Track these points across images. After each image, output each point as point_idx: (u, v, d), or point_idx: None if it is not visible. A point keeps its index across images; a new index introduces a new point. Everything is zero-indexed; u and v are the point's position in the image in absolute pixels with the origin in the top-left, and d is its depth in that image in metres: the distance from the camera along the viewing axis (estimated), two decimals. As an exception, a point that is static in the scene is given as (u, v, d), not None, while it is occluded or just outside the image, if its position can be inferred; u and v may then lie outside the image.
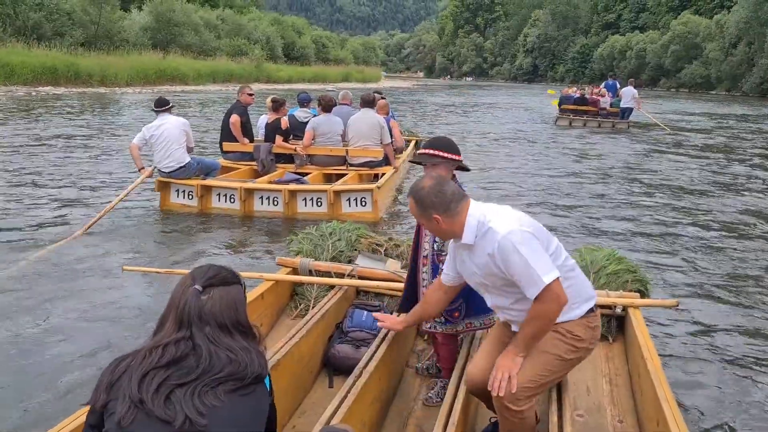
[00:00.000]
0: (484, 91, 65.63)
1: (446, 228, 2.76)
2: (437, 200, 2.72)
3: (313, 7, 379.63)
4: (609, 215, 9.32)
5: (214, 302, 1.85)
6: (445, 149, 3.44)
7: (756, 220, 9.32)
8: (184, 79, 44.21)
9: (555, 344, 2.75)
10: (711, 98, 60.59)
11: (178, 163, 8.44)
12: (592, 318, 2.85)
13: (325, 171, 9.68)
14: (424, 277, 3.50)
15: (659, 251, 7.52)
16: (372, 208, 8.42)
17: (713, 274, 6.68)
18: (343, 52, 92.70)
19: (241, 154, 9.97)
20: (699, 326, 5.29)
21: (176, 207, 8.76)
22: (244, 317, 1.91)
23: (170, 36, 51.93)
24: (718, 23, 73.68)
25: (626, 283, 4.40)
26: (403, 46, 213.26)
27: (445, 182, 2.79)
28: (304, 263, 4.70)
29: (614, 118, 23.86)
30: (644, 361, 3.41)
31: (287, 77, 59.40)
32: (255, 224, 8.28)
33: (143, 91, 36.55)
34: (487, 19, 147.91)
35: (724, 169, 14.60)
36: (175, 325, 1.82)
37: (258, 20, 70.36)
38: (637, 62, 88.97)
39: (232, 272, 1.98)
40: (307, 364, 3.71)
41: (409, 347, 4.20)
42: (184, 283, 1.91)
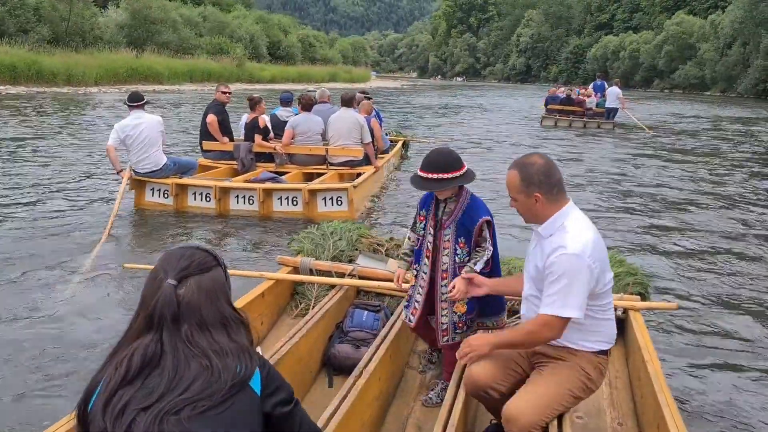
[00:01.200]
0: (474, 91, 65.60)
1: (539, 209, 2.78)
2: (545, 179, 2.74)
3: (306, 7, 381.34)
4: (607, 217, 9.34)
5: (192, 296, 1.63)
6: (452, 168, 3.31)
7: (754, 223, 9.37)
8: (158, 78, 42.82)
9: (569, 378, 2.81)
10: (705, 99, 60.52)
11: (155, 165, 8.44)
12: (603, 361, 2.90)
13: (305, 170, 9.73)
14: (443, 291, 3.46)
15: (659, 254, 7.55)
16: (348, 208, 8.43)
17: (713, 277, 6.71)
18: (331, 52, 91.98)
19: (220, 153, 10.04)
20: (700, 329, 5.31)
21: (151, 205, 8.75)
22: (226, 307, 1.69)
23: (147, 34, 50.73)
24: (713, 23, 73.77)
25: (627, 285, 4.41)
26: (396, 47, 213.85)
27: (555, 166, 2.80)
28: (305, 262, 4.72)
29: (600, 118, 24.04)
30: (644, 365, 3.43)
31: (270, 77, 58.49)
32: (230, 223, 8.26)
33: (110, 91, 35.45)
34: (480, 19, 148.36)
35: (718, 171, 14.66)
36: (143, 327, 1.61)
37: (243, 18, 69.55)
38: (631, 63, 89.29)
39: (208, 252, 1.74)
40: (307, 363, 3.72)
41: (410, 348, 4.21)
42: (155, 277, 1.66)
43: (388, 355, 3.56)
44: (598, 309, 2.81)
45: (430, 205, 3.50)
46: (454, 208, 3.41)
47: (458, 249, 3.39)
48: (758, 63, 63.55)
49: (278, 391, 1.71)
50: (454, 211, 3.41)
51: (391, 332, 3.71)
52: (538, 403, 2.71)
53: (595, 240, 2.71)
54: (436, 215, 3.47)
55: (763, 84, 64.23)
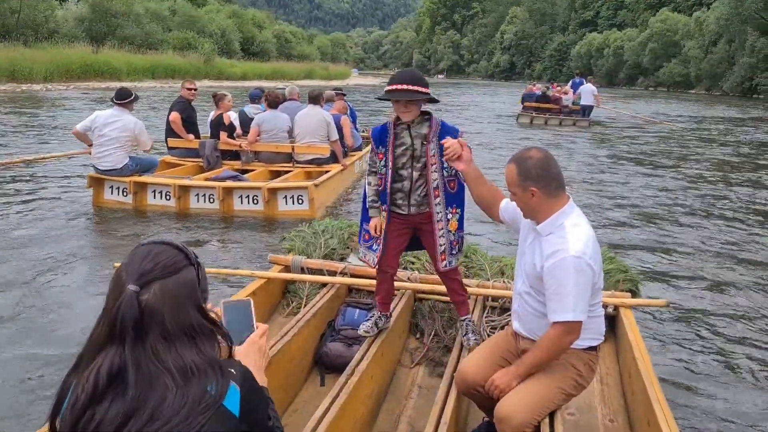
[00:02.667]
0: (454, 89, 65.62)
1: (535, 204, 2.76)
2: (542, 173, 2.72)
3: (291, 4, 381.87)
4: (593, 215, 9.42)
5: (155, 303, 1.46)
6: (419, 83, 3.37)
7: (743, 220, 9.51)
8: (116, 74, 41.13)
9: (560, 376, 2.85)
10: (690, 98, 60.89)
11: (114, 165, 8.41)
12: (593, 357, 2.93)
13: (271, 168, 9.74)
14: (437, 210, 3.53)
15: (649, 251, 7.67)
16: (309, 206, 8.47)
17: (703, 274, 6.83)
18: (308, 48, 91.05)
19: (186, 151, 10.05)
20: (689, 326, 5.42)
21: (110, 204, 8.71)
22: (195, 314, 1.52)
23: (107, 28, 49.26)
24: (698, 20, 73.91)
25: (618, 282, 4.48)
26: (380, 44, 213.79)
27: (553, 160, 2.79)
28: (297, 261, 4.74)
29: (576, 116, 24.27)
30: (635, 361, 3.48)
31: (241, 73, 57.30)
32: (190, 221, 8.23)
33: (57, 88, 33.65)
34: (464, 15, 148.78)
35: (704, 170, 14.84)
36: (106, 336, 1.45)
37: (216, 13, 68.43)
38: (615, 60, 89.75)
39: (179, 249, 1.57)
40: (299, 362, 3.75)
41: (401, 346, 4.25)
42: (117, 279, 1.50)
43: (380, 353, 3.59)
44: (591, 306, 2.82)
45: (387, 139, 3.51)
46: (431, 127, 3.46)
47: (444, 163, 3.41)
48: (744, 61, 63.55)
49: (259, 409, 1.60)
50: (432, 128, 3.45)
51: (383, 330, 3.75)
52: (529, 402, 2.74)
53: (593, 239, 2.73)
54: (401, 144, 3.48)
55: (749, 82, 64.36)
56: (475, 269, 4.71)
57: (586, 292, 2.66)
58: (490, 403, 2.85)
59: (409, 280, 4.41)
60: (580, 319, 2.64)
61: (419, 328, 4.38)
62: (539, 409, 2.75)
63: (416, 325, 4.41)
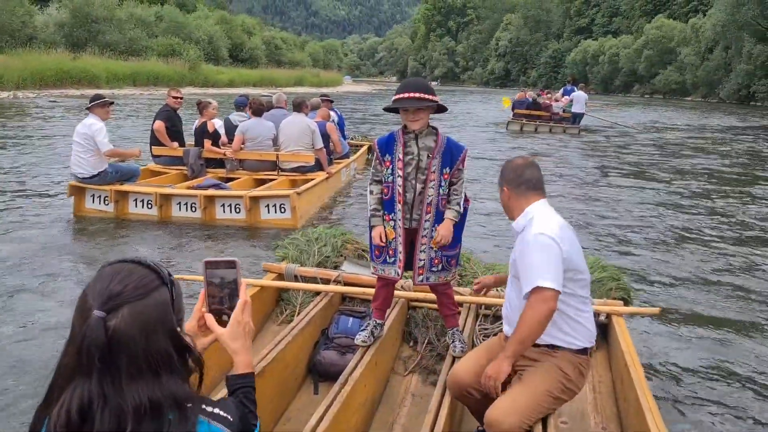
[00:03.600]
0: (448, 96, 65.52)
1: (508, 203, 3.09)
2: (513, 176, 3.05)
3: (288, 11, 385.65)
4: (585, 222, 9.48)
5: (123, 330, 1.35)
6: (429, 91, 3.47)
7: (739, 229, 9.59)
8: (95, 81, 40.19)
9: (548, 379, 2.89)
10: (687, 105, 60.82)
11: (89, 171, 8.44)
12: (583, 361, 2.99)
13: (256, 176, 9.81)
14: (426, 226, 3.58)
15: (641, 258, 7.74)
16: (291, 215, 8.49)
17: (695, 283, 6.90)
18: (299, 55, 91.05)
19: (171, 158, 10.12)
20: (682, 334, 5.48)
21: (92, 213, 8.74)
22: (165, 342, 1.42)
23: (88, 33, 48.85)
24: (694, 27, 73.88)
25: (610, 290, 4.54)
26: (376, 51, 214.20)
27: (532, 168, 3.08)
28: (290, 269, 4.78)
29: (566, 123, 24.37)
30: (627, 369, 3.53)
31: (228, 80, 56.94)
32: (173, 230, 8.23)
33: (28, 96, 32.81)
34: (459, 22, 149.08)
35: (697, 178, 14.91)
36: (74, 366, 1.36)
37: (204, 19, 68.19)
38: (610, 67, 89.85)
39: (150, 269, 1.47)
40: (293, 370, 3.79)
41: (395, 354, 4.30)
42: (83, 303, 1.39)
43: (374, 361, 3.64)
44: (575, 302, 2.92)
45: (394, 148, 3.55)
46: (438, 141, 3.52)
47: (443, 181, 3.51)
48: (740, 68, 63.23)
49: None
50: (438, 142, 3.52)
51: (377, 339, 3.79)
52: (518, 408, 2.78)
53: (562, 226, 2.90)
54: (408, 153, 3.52)
55: (746, 89, 64.06)
56: (469, 277, 4.76)
57: (554, 264, 2.77)
58: (484, 409, 2.87)
59: (403, 289, 4.45)
60: (552, 287, 2.72)
61: (413, 336, 4.44)
62: (528, 413, 2.79)
63: (410, 334, 4.47)
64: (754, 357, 5.05)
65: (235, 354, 1.69)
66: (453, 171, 3.54)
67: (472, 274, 4.80)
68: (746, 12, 60.35)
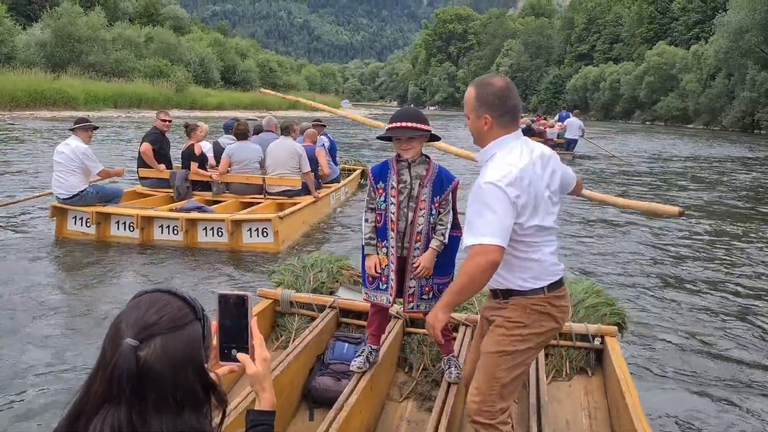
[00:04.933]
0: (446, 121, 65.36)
1: (485, 133, 2.79)
2: (498, 103, 2.75)
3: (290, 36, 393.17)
4: (581, 248, 9.54)
5: (154, 363, 1.36)
6: (421, 121, 3.56)
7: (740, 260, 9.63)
8: (71, 103, 39.89)
9: (495, 341, 2.79)
10: (689, 132, 60.54)
11: (68, 191, 8.53)
12: (539, 300, 2.78)
13: (242, 199, 9.89)
14: (415, 254, 3.64)
15: (633, 282, 7.85)
16: (273, 239, 8.52)
17: (693, 309, 6.97)
18: (295, 78, 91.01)
19: (158, 181, 10.26)
20: (678, 358, 5.55)
21: (74, 235, 8.80)
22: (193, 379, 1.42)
23: (70, 54, 48.70)
24: (695, 54, 74.08)
25: (604, 316, 4.60)
26: (377, 75, 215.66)
27: (514, 92, 2.80)
28: (285, 295, 4.85)
29: (560, 149, 24.49)
30: (622, 396, 3.57)
31: (217, 103, 56.32)
32: (153, 253, 8.29)
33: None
34: (460, 48, 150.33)
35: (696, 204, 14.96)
36: (103, 393, 1.37)
37: (197, 41, 68.38)
38: (611, 93, 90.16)
39: (186, 302, 1.48)
40: (288, 396, 3.83)
41: (390, 380, 4.35)
42: (115, 331, 1.41)
43: (369, 387, 3.69)
44: (525, 247, 2.75)
45: (387, 176, 3.64)
46: (429, 170, 3.60)
47: (433, 209, 3.57)
48: (744, 95, 62.82)
49: None
50: (429, 171, 3.60)
51: (372, 364, 3.84)
52: (479, 387, 2.76)
53: (521, 172, 2.65)
54: (400, 181, 3.59)
55: (750, 117, 63.77)
56: (464, 303, 4.81)
57: (499, 219, 2.58)
58: None
59: (398, 314, 4.51)
60: (494, 243, 2.56)
61: (408, 362, 4.49)
62: (489, 386, 2.73)
63: (405, 359, 4.52)
64: (753, 385, 5.10)
65: (261, 391, 1.73)
66: (441, 200, 3.60)
67: (467, 300, 4.85)
68: (749, 39, 60.43)
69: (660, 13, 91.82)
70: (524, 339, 2.75)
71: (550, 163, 2.85)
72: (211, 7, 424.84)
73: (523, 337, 2.75)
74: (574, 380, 4.38)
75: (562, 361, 4.46)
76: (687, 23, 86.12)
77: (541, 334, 2.78)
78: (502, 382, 2.73)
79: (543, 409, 3.49)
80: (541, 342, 2.82)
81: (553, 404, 3.96)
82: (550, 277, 2.80)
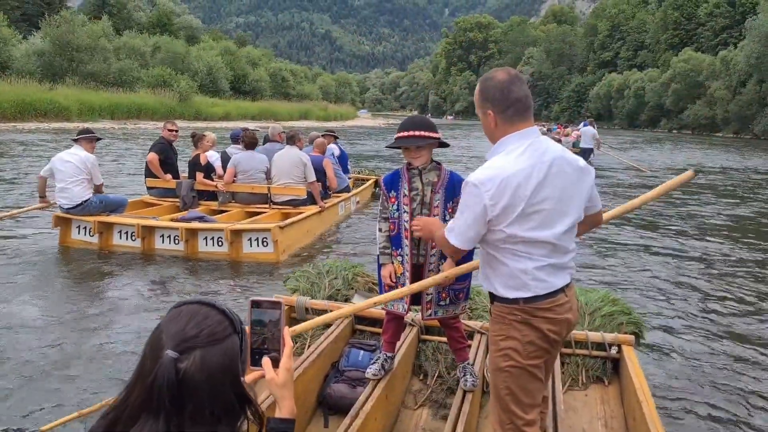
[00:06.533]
0: (461, 130, 64.94)
1: (494, 129, 2.72)
2: (499, 96, 2.66)
3: (313, 46, 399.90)
4: (598, 258, 9.52)
5: (193, 375, 1.39)
6: (429, 128, 3.63)
7: (749, 260, 9.57)
8: (64, 114, 39.39)
9: (490, 359, 2.81)
10: (717, 141, 59.33)
11: (73, 201, 8.66)
12: (514, 309, 2.68)
13: (248, 209, 10.00)
14: (431, 261, 3.71)
15: (651, 292, 7.81)
16: (273, 249, 8.56)
17: (708, 316, 6.95)
18: (308, 87, 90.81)
19: (164, 190, 10.44)
20: (695, 366, 5.53)
21: (77, 243, 8.93)
22: (230, 392, 1.46)
23: (69, 63, 48.36)
24: (724, 60, 73.17)
25: (621, 325, 4.63)
26: (398, 84, 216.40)
27: (519, 83, 2.70)
28: (301, 301, 4.94)
29: None
30: (639, 405, 3.58)
31: (223, 113, 56.04)
32: (153, 262, 8.36)
33: None
34: (480, 56, 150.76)
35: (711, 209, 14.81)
36: (142, 402, 1.39)
37: (208, 50, 68.41)
38: (636, 101, 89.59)
39: (225, 315, 1.51)
40: (302, 403, 3.89)
41: (405, 387, 4.40)
42: (155, 342, 1.44)
43: (384, 394, 3.74)
44: (507, 254, 2.66)
45: (399, 184, 3.71)
46: (440, 176, 3.68)
47: (447, 215, 3.61)
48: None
49: None
50: (441, 177, 3.67)
51: (387, 372, 3.91)
52: (492, 410, 2.80)
53: (507, 178, 2.54)
54: (412, 188, 3.67)
55: None
56: (479, 311, 4.88)
57: (467, 223, 2.62)
58: None
59: (413, 322, 4.57)
60: (454, 243, 2.68)
61: (423, 369, 4.53)
62: (498, 409, 2.74)
63: (420, 367, 4.57)
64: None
65: (282, 399, 1.76)
66: (454, 205, 3.64)
67: (483, 307, 4.92)
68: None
69: (686, 19, 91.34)
70: (504, 354, 2.69)
71: (565, 175, 2.67)
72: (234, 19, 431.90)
73: (512, 349, 2.67)
74: (591, 389, 4.39)
75: (578, 370, 4.48)
76: (714, 28, 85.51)
77: (528, 344, 2.66)
78: (509, 397, 2.69)
79: (559, 418, 3.51)
80: (532, 353, 2.67)
81: (569, 413, 3.97)
82: (527, 292, 2.65)
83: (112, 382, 4.67)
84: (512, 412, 2.67)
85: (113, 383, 4.61)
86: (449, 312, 3.80)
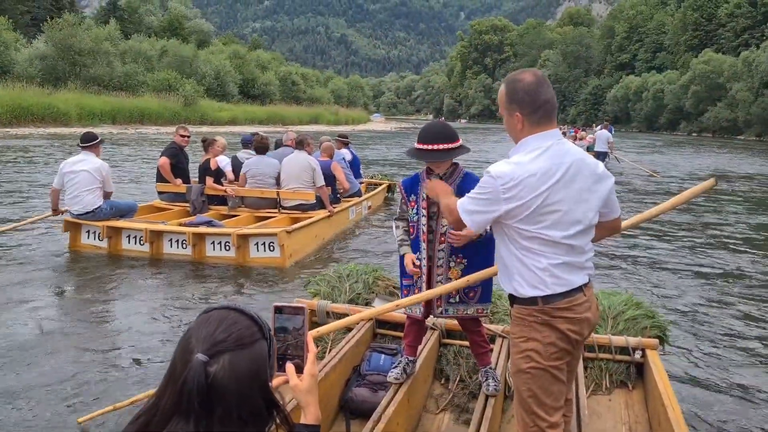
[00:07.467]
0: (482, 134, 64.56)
1: (519, 132, 2.72)
2: (528, 99, 2.67)
3: (328, 50, 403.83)
4: (621, 259, 9.49)
5: (222, 379, 1.41)
6: (450, 139, 3.58)
7: None
8: (63, 119, 39.08)
9: (512, 361, 2.81)
10: (738, 144, 58.55)
11: (85, 207, 8.74)
12: (532, 310, 2.70)
13: (257, 214, 10.05)
14: (440, 255, 3.73)
15: (674, 297, 7.77)
16: (280, 254, 8.61)
17: (733, 321, 6.90)
18: (320, 91, 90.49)
19: (174, 195, 10.52)
20: (720, 370, 5.51)
21: (86, 248, 9.03)
22: (258, 396, 1.49)
23: (71, 67, 48.19)
24: (746, 61, 72.38)
25: (645, 329, 4.62)
26: (413, 88, 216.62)
27: (545, 86, 2.72)
28: (322, 305, 4.97)
29: None
30: (664, 409, 3.56)
31: (230, 118, 55.61)
32: (161, 267, 8.43)
33: None
34: (495, 59, 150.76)
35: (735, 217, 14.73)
36: (173, 405, 1.42)
37: (217, 53, 68.28)
38: (655, 104, 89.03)
39: (253, 321, 1.53)
40: (324, 407, 3.89)
41: (427, 391, 4.41)
42: (185, 345, 1.47)
43: (406, 399, 3.75)
44: (523, 249, 2.69)
45: (418, 188, 3.74)
46: (454, 176, 3.69)
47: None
48: None
49: None
50: (454, 177, 3.69)
51: (409, 376, 3.92)
52: (516, 412, 2.80)
53: (524, 175, 2.58)
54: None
55: None
56: (500, 314, 4.88)
57: (477, 204, 2.66)
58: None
59: (435, 326, 4.58)
60: (461, 215, 2.73)
61: (444, 373, 4.54)
62: (522, 411, 2.74)
63: (441, 371, 4.58)
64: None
65: (308, 405, 1.77)
66: None
67: (504, 311, 4.91)
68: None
69: (705, 20, 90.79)
70: (525, 356, 2.70)
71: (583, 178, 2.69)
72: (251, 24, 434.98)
73: (534, 351, 2.68)
74: (614, 394, 4.38)
75: (602, 374, 4.47)
76: (735, 29, 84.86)
77: (549, 345, 2.67)
78: (531, 399, 2.70)
79: (583, 423, 3.50)
80: (553, 354, 2.68)
81: (592, 418, 3.96)
82: (545, 289, 2.67)
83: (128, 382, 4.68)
84: (536, 414, 2.68)
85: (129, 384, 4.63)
86: (460, 311, 3.80)
